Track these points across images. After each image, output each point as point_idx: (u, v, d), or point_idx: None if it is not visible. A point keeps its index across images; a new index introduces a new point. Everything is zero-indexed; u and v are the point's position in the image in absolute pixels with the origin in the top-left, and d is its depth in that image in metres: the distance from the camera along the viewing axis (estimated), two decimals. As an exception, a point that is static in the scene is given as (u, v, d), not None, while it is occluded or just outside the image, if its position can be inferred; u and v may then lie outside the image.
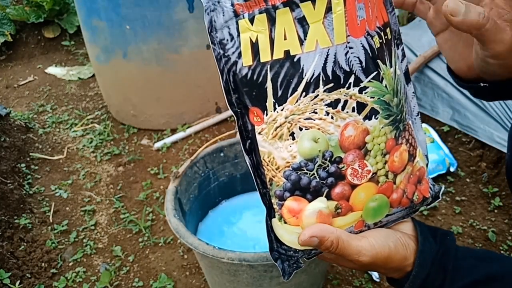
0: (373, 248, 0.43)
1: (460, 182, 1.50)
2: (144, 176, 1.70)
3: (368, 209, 0.43)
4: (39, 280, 1.28)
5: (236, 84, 0.40)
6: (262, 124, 0.40)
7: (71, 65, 2.76)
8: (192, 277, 1.28)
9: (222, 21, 0.38)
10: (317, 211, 0.41)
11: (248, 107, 0.40)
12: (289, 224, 0.43)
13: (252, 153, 0.42)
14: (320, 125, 0.39)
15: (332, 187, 0.41)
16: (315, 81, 0.38)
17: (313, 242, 0.40)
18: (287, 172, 0.41)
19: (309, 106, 0.39)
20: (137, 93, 1.89)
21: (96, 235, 1.46)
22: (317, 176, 0.41)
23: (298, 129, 0.39)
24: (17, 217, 1.47)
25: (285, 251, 0.45)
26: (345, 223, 0.43)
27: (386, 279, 0.51)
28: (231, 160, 1.21)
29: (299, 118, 0.39)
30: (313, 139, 0.40)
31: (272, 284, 0.93)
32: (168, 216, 0.95)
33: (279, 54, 0.38)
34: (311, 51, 0.38)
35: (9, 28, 2.81)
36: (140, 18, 1.65)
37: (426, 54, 1.69)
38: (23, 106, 2.32)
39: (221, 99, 1.99)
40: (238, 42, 0.38)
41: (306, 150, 0.40)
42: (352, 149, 0.40)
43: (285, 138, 0.40)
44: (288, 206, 0.42)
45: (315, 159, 0.40)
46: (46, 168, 1.79)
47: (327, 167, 0.40)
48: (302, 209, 0.42)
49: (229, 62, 0.39)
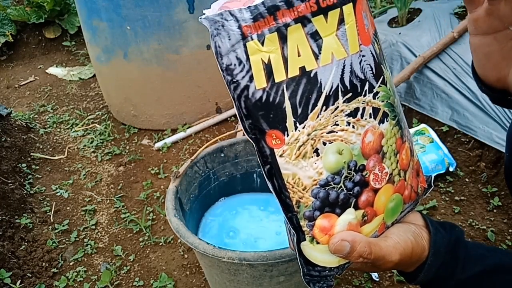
0: (400, 245, 0.43)
1: (459, 182, 1.51)
2: (145, 176, 1.71)
3: (388, 210, 0.43)
4: (40, 279, 1.29)
5: (249, 109, 0.38)
6: (282, 146, 0.39)
7: (72, 65, 2.77)
8: (192, 276, 1.28)
9: (228, 45, 0.36)
10: (347, 224, 0.41)
11: (265, 131, 0.39)
12: (322, 244, 0.42)
13: (273, 178, 0.41)
14: (342, 136, 0.39)
15: (358, 196, 0.41)
16: (334, 93, 0.38)
17: (344, 247, 0.40)
18: (315, 190, 0.40)
19: (330, 119, 0.38)
20: (137, 93, 1.90)
21: (96, 235, 1.46)
22: (344, 188, 0.40)
23: (322, 144, 0.39)
24: (18, 217, 1.47)
25: (319, 272, 0.44)
26: (371, 229, 0.43)
27: (399, 274, 0.51)
28: (231, 160, 1.21)
29: (321, 133, 0.38)
30: (337, 152, 0.39)
31: (272, 283, 0.93)
32: (168, 215, 0.95)
33: (294, 71, 0.37)
34: (328, 64, 0.37)
35: (10, 28, 2.81)
36: (140, 18, 1.66)
37: (425, 54, 1.70)
38: (24, 106, 2.32)
39: (221, 99, 2.00)
40: (248, 66, 0.36)
41: (332, 164, 0.39)
42: (372, 154, 0.41)
43: (309, 156, 0.39)
44: (319, 225, 0.41)
45: (341, 171, 0.40)
46: (47, 168, 1.80)
47: (352, 177, 0.40)
48: (333, 225, 0.41)
49: (238, 88, 0.37)
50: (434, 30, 1.87)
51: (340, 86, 0.38)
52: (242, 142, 1.20)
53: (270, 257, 0.81)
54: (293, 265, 0.88)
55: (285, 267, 0.87)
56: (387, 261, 0.42)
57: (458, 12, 2.12)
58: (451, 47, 1.75)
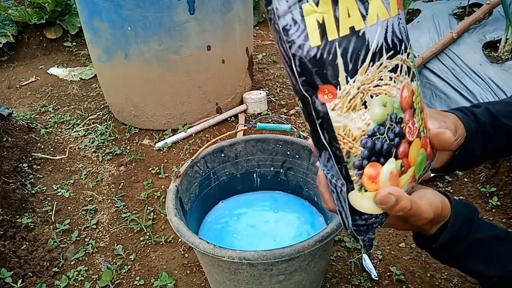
0: (432, 204, 0.49)
1: (458, 182, 1.52)
2: (145, 175, 1.71)
3: (417, 163, 0.48)
4: (41, 279, 1.29)
5: (303, 67, 0.41)
6: (334, 100, 0.42)
7: (73, 65, 2.78)
8: (192, 275, 1.29)
9: (285, 7, 0.39)
10: (389, 173, 0.45)
11: (318, 86, 0.42)
12: (369, 191, 0.46)
13: (324, 132, 0.44)
14: (386, 90, 0.43)
15: (398, 146, 0.45)
16: (379, 50, 0.42)
17: (390, 200, 0.44)
18: (364, 141, 0.43)
19: (376, 74, 0.43)
20: (138, 94, 1.91)
21: (97, 234, 1.47)
22: (387, 138, 0.44)
23: (370, 97, 0.43)
24: (19, 217, 1.48)
25: (365, 221, 0.48)
26: (406, 180, 0.47)
27: (418, 242, 0.56)
28: (231, 160, 1.22)
29: (369, 87, 0.43)
30: (382, 104, 0.43)
31: (272, 283, 0.94)
32: (169, 215, 0.96)
33: (345, 31, 0.40)
34: (374, 24, 0.42)
35: (11, 29, 2.82)
36: (141, 19, 1.66)
37: (424, 55, 1.70)
38: (25, 107, 2.33)
39: (221, 100, 2.01)
40: (303, 25, 0.39)
41: (378, 116, 0.43)
42: (407, 109, 0.45)
43: (358, 108, 0.42)
44: (367, 173, 0.45)
45: (385, 122, 0.44)
46: (48, 168, 1.81)
47: (394, 128, 0.44)
48: (378, 173, 0.45)
49: (293, 47, 0.40)
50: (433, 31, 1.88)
51: (384, 44, 0.43)
52: (242, 142, 1.21)
53: (270, 256, 0.82)
54: (293, 264, 0.89)
55: (284, 266, 0.88)
56: (422, 217, 0.47)
57: (457, 13, 2.13)
58: (450, 48, 1.75)
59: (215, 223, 1.22)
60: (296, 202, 1.26)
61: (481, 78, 1.63)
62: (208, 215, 1.25)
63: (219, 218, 1.23)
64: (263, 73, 2.48)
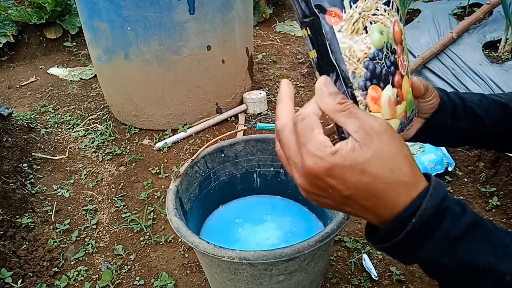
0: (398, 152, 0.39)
1: (458, 182, 1.52)
2: (145, 175, 1.72)
3: (408, 100, 0.51)
4: (41, 279, 1.29)
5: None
6: (340, 22, 0.46)
7: (73, 65, 2.78)
8: (192, 275, 1.29)
9: None
10: (388, 97, 0.48)
11: (326, 9, 0.46)
12: (373, 112, 0.49)
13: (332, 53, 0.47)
14: (382, 19, 0.47)
15: (393, 75, 0.49)
16: None
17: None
18: (366, 62, 0.47)
19: (373, 4, 0.47)
20: (138, 94, 1.91)
21: (97, 234, 1.47)
22: (385, 65, 0.48)
23: (369, 23, 0.46)
24: (19, 217, 1.48)
25: None
26: (401, 111, 0.51)
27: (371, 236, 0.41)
28: (231, 160, 1.22)
29: (368, 14, 0.47)
30: (379, 31, 0.47)
31: (272, 282, 0.94)
32: (169, 215, 0.96)
33: None
34: None
35: (11, 29, 2.82)
36: (141, 19, 1.66)
37: (424, 55, 1.70)
38: (25, 107, 2.33)
39: (221, 100, 2.01)
40: None
41: (377, 41, 0.47)
42: (399, 43, 0.49)
43: (360, 32, 0.46)
44: (370, 94, 0.48)
45: (382, 49, 0.47)
46: (48, 168, 1.81)
47: (389, 56, 0.48)
48: (380, 96, 0.48)
49: None
50: (433, 31, 1.88)
51: None
52: (242, 142, 1.21)
53: (270, 256, 0.82)
54: (293, 264, 0.89)
55: (284, 266, 0.88)
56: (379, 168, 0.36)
57: (457, 13, 2.13)
58: (450, 48, 1.75)
59: (213, 229, 1.22)
60: (295, 207, 1.27)
61: (481, 78, 1.64)
62: (207, 220, 1.24)
63: (217, 225, 1.23)
64: (263, 73, 2.48)
